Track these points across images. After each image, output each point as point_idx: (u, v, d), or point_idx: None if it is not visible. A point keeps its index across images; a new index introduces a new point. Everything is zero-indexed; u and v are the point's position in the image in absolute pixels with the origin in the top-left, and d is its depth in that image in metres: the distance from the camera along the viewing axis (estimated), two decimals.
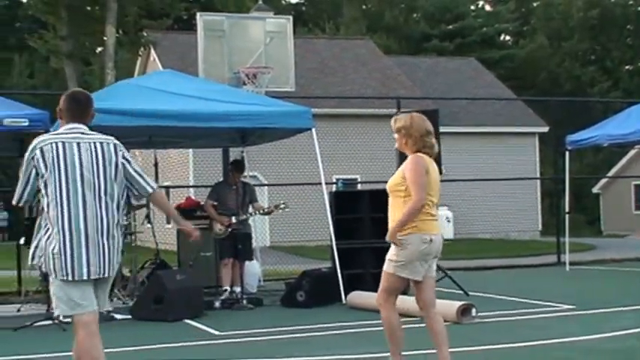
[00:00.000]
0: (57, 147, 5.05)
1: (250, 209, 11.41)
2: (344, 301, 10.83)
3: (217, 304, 11.01)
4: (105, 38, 25.99)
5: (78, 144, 5.13)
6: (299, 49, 19.90)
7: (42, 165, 5.00)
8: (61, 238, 4.94)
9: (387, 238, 6.00)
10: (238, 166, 11.66)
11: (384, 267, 6.09)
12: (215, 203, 11.51)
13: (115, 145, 5.31)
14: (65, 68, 28.42)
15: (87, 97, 5.39)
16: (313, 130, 11.35)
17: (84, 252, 4.96)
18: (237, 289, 11.23)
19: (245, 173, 12.05)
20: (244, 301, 10.95)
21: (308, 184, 15.36)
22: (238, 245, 11.26)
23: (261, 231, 15.70)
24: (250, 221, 11.85)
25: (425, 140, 6.10)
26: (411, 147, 6.10)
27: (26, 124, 10.04)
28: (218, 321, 9.73)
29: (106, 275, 5.08)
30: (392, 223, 6.03)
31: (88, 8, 28.09)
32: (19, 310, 11.02)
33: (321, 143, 11.37)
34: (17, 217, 15.02)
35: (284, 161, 22.95)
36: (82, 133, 5.21)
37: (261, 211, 11.40)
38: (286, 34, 14.48)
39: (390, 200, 6.15)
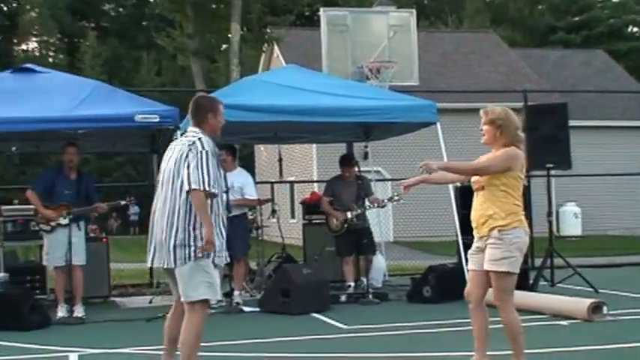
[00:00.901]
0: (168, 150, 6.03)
1: (367, 203, 11.38)
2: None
3: (343, 298, 11.04)
4: (230, 35, 26.43)
5: (174, 147, 5.91)
6: (422, 43, 19.72)
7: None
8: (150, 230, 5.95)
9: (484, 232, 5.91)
10: (344, 161, 11.67)
11: (490, 267, 5.91)
12: (330, 199, 11.56)
13: (190, 143, 5.75)
14: (192, 65, 29.05)
15: (198, 104, 5.95)
16: (438, 124, 11.23)
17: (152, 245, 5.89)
18: (372, 284, 11.21)
19: (368, 167, 12.04)
20: (370, 296, 10.94)
21: None
22: (359, 240, 11.25)
23: (385, 226, 15.66)
24: (374, 216, 11.83)
25: (518, 134, 6.01)
26: (503, 140, 5.98)
27: (157, 120, 10.23)
28: (344, 315, 9.75)
29: (167, 267, 5.80)
30: (482, 218, 5.94)
31: (214, 6, 28.60)
32: (150, 302, 11.35)
33: (444, 138, 11.25)
34: (148, 212, 15.34)
35: (408, 156, 22.81)
36: (185, 137, 5.87)
37: (377, 205, 11.37)
38: (409, 27, 14.41)
39: (481, 195, 6.03)
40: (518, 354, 6.00)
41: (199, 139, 5.74)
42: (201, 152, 5.66)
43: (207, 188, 5.60)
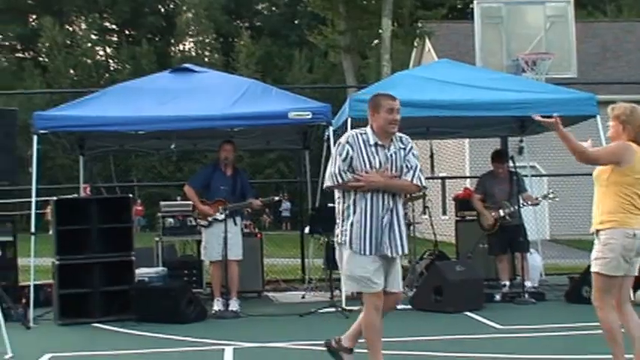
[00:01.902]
0: None
1: (521, 200, 11.09)
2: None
3: (497, 297, 10.80)
4: (381, 31, 26.45)
5: None
6: (579, 33, 19.08)
7: None
8: None
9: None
10: (497, 156, 11.40)
11: (591, 267, 5.90)
12: (482, 196, 11.33)
13: None
14: (343, 62, 29.27)
15: (375, 100, 6.14)
16: (597, 117, 10.82)
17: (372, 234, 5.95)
18: (528, 283, 10.97)
19: (524, 163, 11.75)
20: (526, 295, 10.66)
21: (588, 175, 14.70)
22: (513, 238, 10.99)
23: (540, 223, 15.26)
24: (530, 213, 11.53)
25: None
26: (626, 136, 5.90)
27: (309, 117, 10.35)
28: (499, 314, 9.53)
29: (393, 255, 5.96)
30: (597, 216, 5.86)
31: (365, 2, 28.71)
32: (303, 297, 11.46)
33: (603, 131, 10.80)
34: (300, 208, 15.59)
35: (565, 151, 22.14)
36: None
37: (531, 202, 11.06)
38: (567, 17, 14.02)
39: (596, 191, 5.96)
40: (617, 358, 5.84)
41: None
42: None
43: None
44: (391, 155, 5.95)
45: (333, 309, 9.75)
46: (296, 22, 58.81)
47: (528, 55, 13.48)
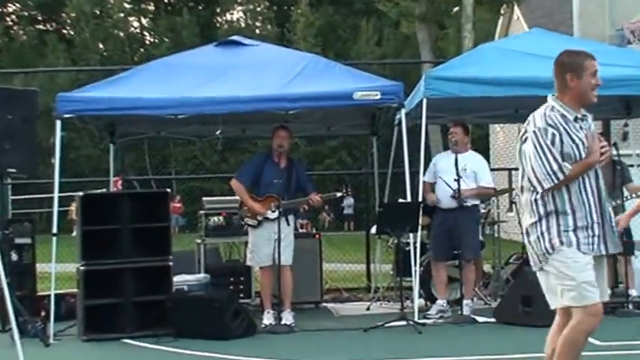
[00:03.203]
0: None
1: (625, 192, 10.95)
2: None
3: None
4: None
5: None
6: None
7: None
8: None
9: None
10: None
11: None
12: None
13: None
14: (417, 33, 29.13)
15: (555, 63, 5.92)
16: None
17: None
18: (632, 292, 10.84)
19: (629, 150, 11.60)
20: (630, 306, 10.54)
21: None
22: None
23: None
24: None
25: None
26: None
27: (378, 97, 10.32)
28: (598, 328, 9.41)
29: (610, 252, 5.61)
30: None
31: None
32: (368, 309, 11.49)
33: None
34: (366, 204, 15.64)
35: None
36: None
37: (637, 195, 10.93)
38: None
39: None
40: None
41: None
42: (532, 135, 5.57)
43: None
44: (589, 128, 5.65)
45: (403, 322, 9.75)
46: None
47: (635, 24, 13.29)
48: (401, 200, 11.01)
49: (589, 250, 5.40)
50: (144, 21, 61.15)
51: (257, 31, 54.72)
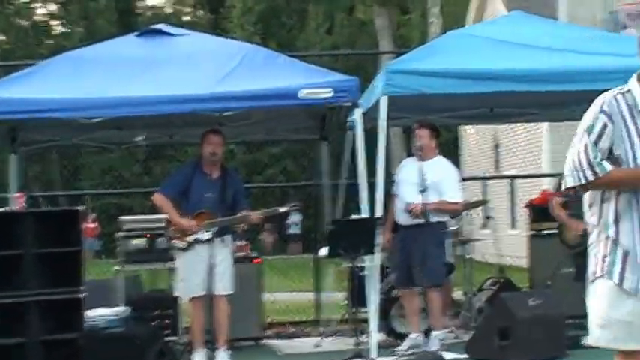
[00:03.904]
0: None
1: None
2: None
3: (586, 340, 10.74)
4: None
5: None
6: None
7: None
8: None
9: None
10: None
11: None
12: (565, 200, 11.30)
13: None
14: (375, 19, 29.29)
15: None
16: None
17: None
18: None
19: None
20: None
21: None
22: None
23: None
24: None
25: None
26: None
27: (330, 95, 10.28)
28: None
29: None
30: None
31: None
32: (317, 345, 11.48)
33: None
34: (314, 222, 15.62)
35: None
36: None
37: None
38: None
39: None
40: None
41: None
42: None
43: None
44: None
45: None
46: None
47: (630, 6, 13.44)
48: (356, 216, 11.00)
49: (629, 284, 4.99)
50: (52, 7, 60.76)
51: (186, 17, 54.62)
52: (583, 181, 4.87)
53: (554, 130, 25.99)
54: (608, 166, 4.79)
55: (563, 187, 5.14)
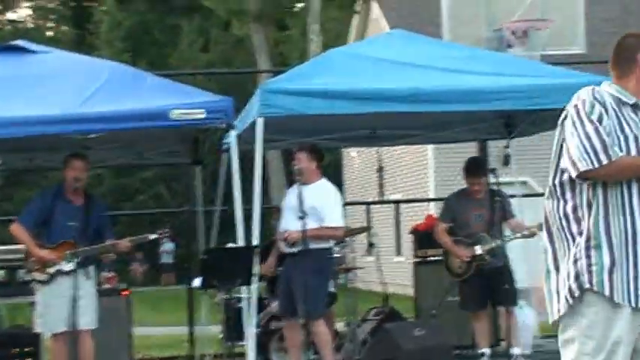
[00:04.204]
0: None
1: (507, 231, 11.25)
2: None
3: None
4: None
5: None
6: None
7: None
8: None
9: None
10: (471, 168, 11.57)
11: None
12: (450, 226, 11.48)
13: None
14: (252, 36, 29.31)
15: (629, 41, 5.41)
16: None
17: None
18: (516, 350, 11.11)
19: (511, 178, 11.90)
20: None
21: None
22: (495, 286, 11.14)
23: (535, 264, 15.46)
24: (519, 250, 11.69)
25: None
26: None
27: (202, 116, 10.27)
28: None
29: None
30: None
31: None
32: None
33: None
34: (187, 250, 15.58)
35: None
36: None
37: (521, 233, 11.24)
38: None
39: None
40: None
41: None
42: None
43: None
44: None
45: None
46: None
47: (516, 24, 13.66)
48: (231, 245, 11.00)
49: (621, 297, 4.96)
50: None
51: (49, 32, 54.05)
52: (596, 165, 4.85)
53: (440, 152, 26.30)
54: (619, 151, 4.87)
55: (573, 173, 4.90)
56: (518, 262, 12.23)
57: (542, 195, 15.51)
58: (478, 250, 11.21)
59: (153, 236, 11.24)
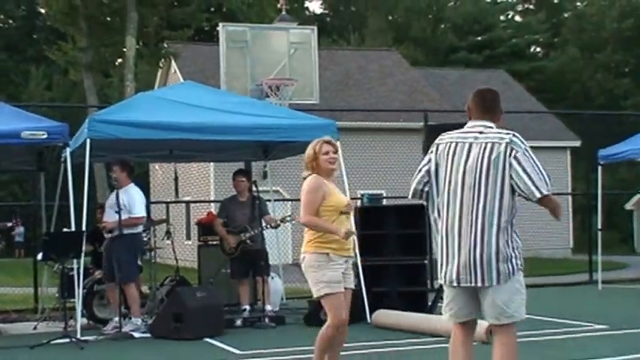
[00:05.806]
0: (449, 147, 5.20)
1: (263, 223, 11.39)
2: (369, 320, 10.79)
3: (238, 322, 10.97)
4: (125, 49, 26.14)
5: (470, 145, 5.15)
6: (323, 61, 19.86)
7: (433, 164, 5.23)
8: (440, 242, 5.16)
9: None
10: (238, 172, 11.79)
11: None
12: (224, 220, 11.56)
13: (507, 143, 5.06)
14: (84, 80, 28.62)
15: (493, 94, 5.35)
16: (338, 143, 11.26)
17: (455, 257, 5.08)
18: (268, 307, 11.20)
19: (267, 187, 12.02)
20: (266, 320, 10.90)
21: None
22: (254, 262, 11.25)
23: (283, 247, 15.66)
24: (272, 237, 11.81)
25: None
26: None
27: (45, 137, 10.13)
28: (239, 340, 9.69)
29: (474, 285, 5.07)
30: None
31: (108, 19, 28.29)
32: (35, 328, 11.04)
33: (345, 157, 11.24)
34: (34, 233, 15.11)
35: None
36: (481, 133, 5.19)
37: (271, 225, 11.41)
38: (310, 45, 14.48)
39: None
40: None
41: (514, 135, 5.11)
42: (527, 151, 5.05)
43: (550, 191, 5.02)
44: None
45: (67, 339, 9.48)
46: (35, 36, 56.67)
47: (272, 80, 13.79)
48: (65, 230, 10.77)
49: None
50: None
51: None
52: (548, 193, 4.96)
53: (219, 168, 26.27)
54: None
55: (540, 193, 4.96)
56: (272, 246, 12.39)
57: (289, 200, 15.63)
58: (243, 236, 11.31)
59: (9, 224, 10.88)
